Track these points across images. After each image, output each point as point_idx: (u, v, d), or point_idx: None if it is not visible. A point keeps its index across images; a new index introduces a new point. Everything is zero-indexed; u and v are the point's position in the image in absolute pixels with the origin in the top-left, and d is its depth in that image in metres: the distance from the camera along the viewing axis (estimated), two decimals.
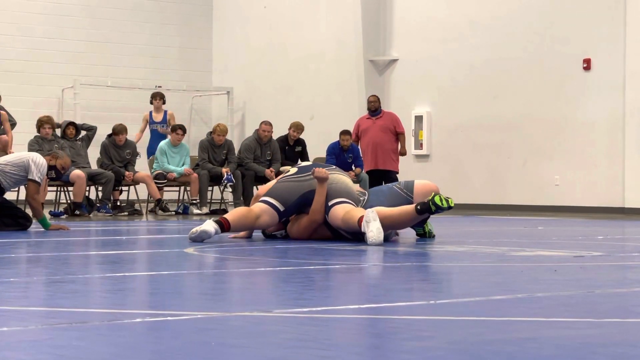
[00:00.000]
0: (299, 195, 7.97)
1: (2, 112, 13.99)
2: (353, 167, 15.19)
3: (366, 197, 8.14)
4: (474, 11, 17.40)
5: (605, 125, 15.76)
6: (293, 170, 8.22)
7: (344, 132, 15.46)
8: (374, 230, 7.39)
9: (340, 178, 8.12)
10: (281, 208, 7.92)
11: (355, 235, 7.73)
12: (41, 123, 13.98)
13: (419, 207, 7.53)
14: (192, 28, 21.28)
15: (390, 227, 7.85)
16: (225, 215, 7.90)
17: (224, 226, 7.72)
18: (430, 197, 7.47)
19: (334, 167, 8.44)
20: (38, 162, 9.55)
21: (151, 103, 16.52)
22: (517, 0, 16.85)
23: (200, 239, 7.63)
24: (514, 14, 16.85)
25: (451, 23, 17.68)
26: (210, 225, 7.66)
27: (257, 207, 7.96)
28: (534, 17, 16.61)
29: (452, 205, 7.40)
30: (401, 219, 7.71)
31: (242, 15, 20.95)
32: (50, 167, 9.78)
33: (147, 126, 16.49)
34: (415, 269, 6.10)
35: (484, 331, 3.38)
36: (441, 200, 7.38)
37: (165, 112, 16.47)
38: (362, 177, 15.23)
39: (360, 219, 7.52)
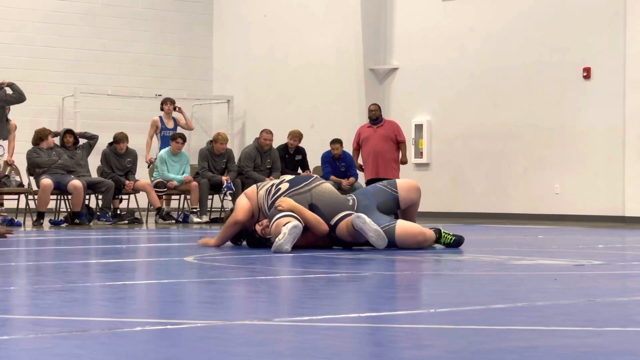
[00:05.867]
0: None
1: (12, 121, 14.04)
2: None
3: (355, 201, 8.09)
4: (474, 20, 17.42)
5: (605, 133, 15.76)
6: (285, 186, 8.13)
7: (334, 141, 15.51)
8: (373, 235, 7.64)
9: (324, 188, 8.10)
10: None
11: (367, 242, 7.78)
12: (40, 137, 13.96)
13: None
14: (192, 36, 21.29)
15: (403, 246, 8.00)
16: None
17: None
18: (445, 235, 8.06)
19: (314, 176, 8.33)
20: None
21: (161, 109, 16.38)
22: (517, 9, 16.87)
23: (293, 233, 7.59)
24: (514, 23, 16.87)
25: (451, 32, 17.70)
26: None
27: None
28: (534, 26, 16.62)
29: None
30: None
31: (242, 23, 20.96)
32: None
33: (156, 132, 16.30)
34: (415, 277, 6.09)
35: (484, 340, 3.38)
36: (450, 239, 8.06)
37: (174, 118, 16.38)
38: (356, 187, 15.23)
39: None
